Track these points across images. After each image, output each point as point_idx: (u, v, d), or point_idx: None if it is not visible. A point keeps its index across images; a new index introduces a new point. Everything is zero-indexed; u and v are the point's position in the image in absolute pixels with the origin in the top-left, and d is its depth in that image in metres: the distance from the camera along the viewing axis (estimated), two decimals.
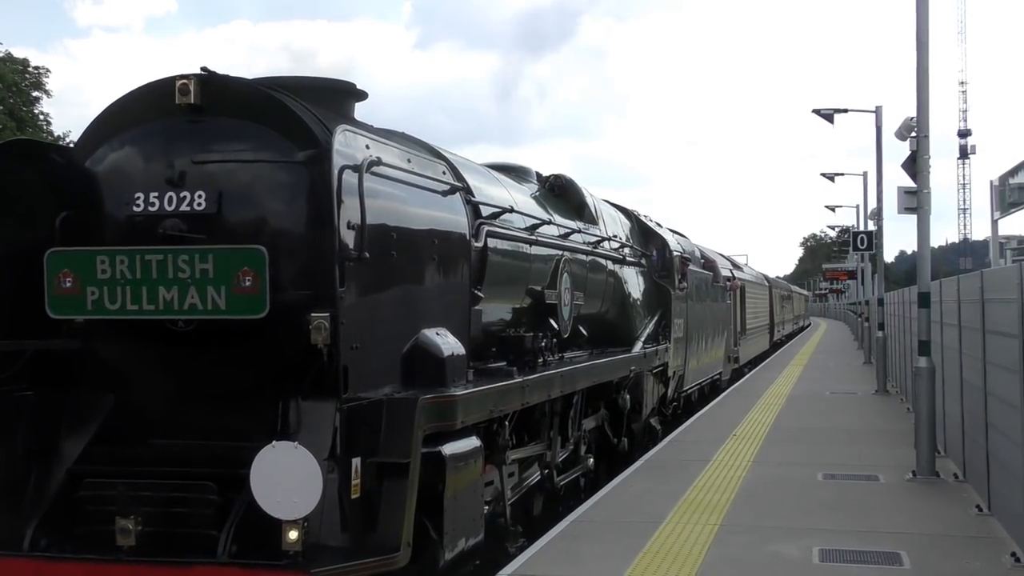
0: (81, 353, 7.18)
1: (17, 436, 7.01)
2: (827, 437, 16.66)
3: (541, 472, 10.53)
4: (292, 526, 6.21)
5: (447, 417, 7.29)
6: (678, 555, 8.92)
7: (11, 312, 6.93)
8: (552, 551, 9.14)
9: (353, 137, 7.10)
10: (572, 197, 13.13)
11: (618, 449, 13.56)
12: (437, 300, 7.97)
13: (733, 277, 28.02)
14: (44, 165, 7.23)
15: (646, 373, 14.45)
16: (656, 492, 11.74)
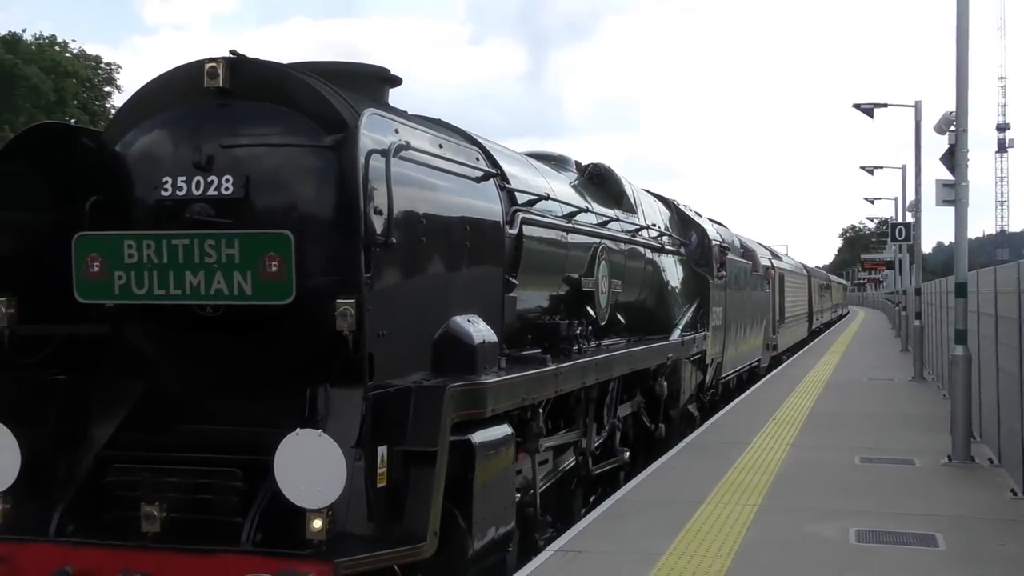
0: (111, 338, 6.89)
1: (47, 420, 6.73)
2: (864, 422, 16.36)
3: (576, 459, 10.15)
4: (316, 515, 5.88)
5: (477, 405, 6.92)
6: (719, 534, 8.82)
7: (41, 296, 6.62)
8: (597, 528, 9.05)
9: (382, 121, 6.71)
10: (611, 186, 12.69)
11: (655, 435, 13.16)
12: (469, 287, 7.59)
13: (772, 266, 27.55)
14: (75, 149, 6.93)
15: (684, 360, 14.05)
16: (697, 473, 11.59)
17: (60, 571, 6.04)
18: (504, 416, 7.42)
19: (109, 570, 6.02)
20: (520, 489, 8.14)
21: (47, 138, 6.92)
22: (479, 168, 8.04)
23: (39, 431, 6.63)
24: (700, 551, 8.27)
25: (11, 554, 6.22)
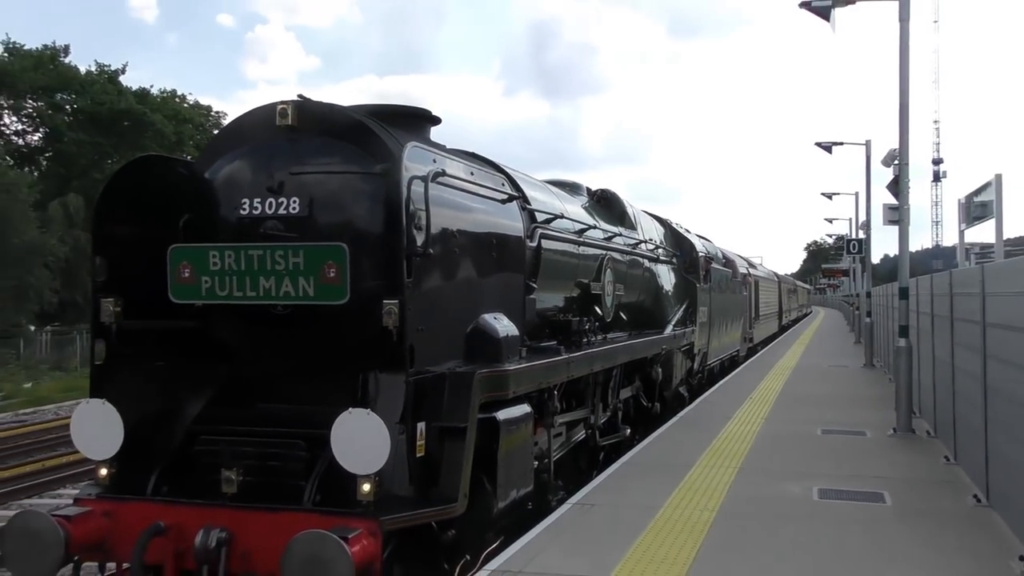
0: (201, 331, 6.72)
1: (150, 399, 6.56)
2: (825, 401, 16.08)
3: (586, 432, 9.91)
4: (365, 480, 5.69)
5: (501, 388, 6.72)
6: (707, 490, 8.83)
7: (142, 297, 6.45)
8: (607, 486, 9.00)
9: (421, 152, 6.52)
10: (615, 207, 12.45)
11: (651, 412, 12.89)
12: (495, 290, 7.38)
13: (749, 274, 27.18)
14: (171, 176, 6.76)
15: (675, 351, 13.76)
16: (689, 442, 11.42)
17: (154, 525, 5.87)
18: (524, 397, 7.21)
19: (194, 525, 5.84)
20: (537, 458, 7.90)
21: (150, 167, 6.76)
22: (504, 192, 7.83)
23: (141, 408, 6.47)
24: (691, 504, 8.25)
25: (115, 510, 6.07)
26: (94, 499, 6.14)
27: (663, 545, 7.04)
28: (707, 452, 10.77)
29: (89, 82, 43.93)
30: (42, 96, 42.79)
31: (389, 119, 6.96)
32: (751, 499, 8.54)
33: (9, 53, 42.86)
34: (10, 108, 42.94)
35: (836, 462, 10.36)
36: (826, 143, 29.12)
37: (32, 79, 41.86)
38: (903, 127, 12.88)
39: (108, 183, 6.52)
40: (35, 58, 42.96)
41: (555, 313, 9.21)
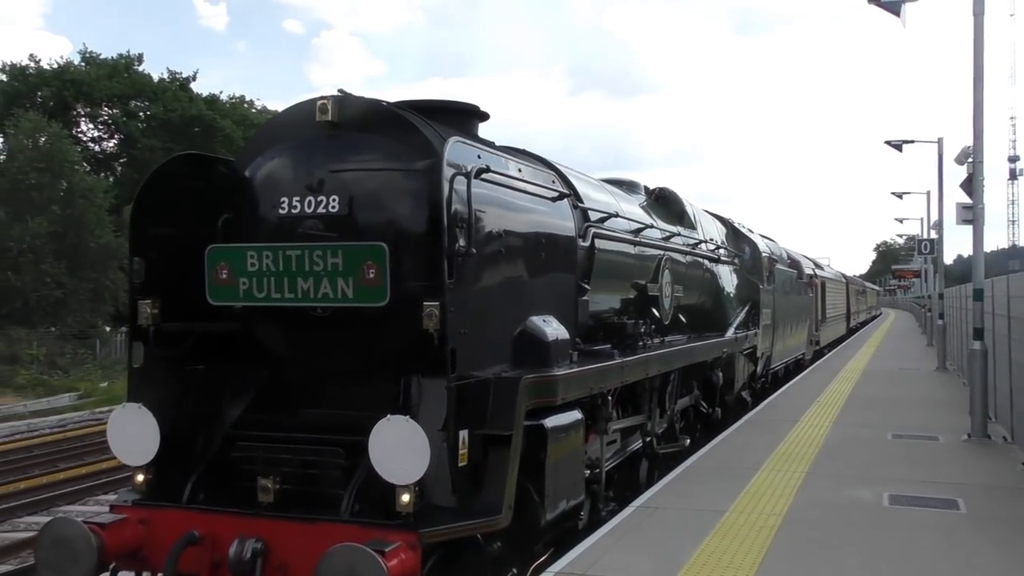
0: (240, 334, 6.49)
1: (188, 403, 6.35)
2: (896, 404, 15.47)
3: (643, 440, 9.50)
4: (405, 490, 5.37)
5: (548, 394, 6.35)
6: (772, 495, 8.55)
7: (181, 299, 6.24)
8: (671, 489, 8.79)
9: (465, 148, 6.18)
10: (674, 206, 11.98)
11: (712, 417, 12.40)
12: (544, 291, 7.01)
13: (815, 275, 26.39)
14: (211, 175, 6.55)
15: (737, 354, 13.24)
16: (754, 445, 11.12)
17: (188, 534, 5.65)
18: (575, 403, 6.83)
19: (229, 534, 5.61)
20: (588, 467, 7.52)
21: (188, 166, 6.55)
22: (554, 190, 7.46)
23: (179, 413, 6.27)
24: (757, 508, 7.98)
25: (150, 518, 5.86)
26: (130, 506, 5.95)
27: (728, 550, 6.79)
28: (773, 456, 10.41)
29: (161, 89, 44.66)
30: (117, 104, 43.60)
31: (434, 114, 6.66)
32: (819, 504, 8.23)
33: (87, 63, 43.80)
34: (87, 116, 43.86)
35: (908, 467, 9.99)
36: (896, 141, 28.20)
37: (108, 87, 42.69)
38: (977, 124, 12.44)
39: (145, 182, 6.33)
40: (111, 67, 43.81)
41: (610, 315, 8.82)
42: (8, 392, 29.79)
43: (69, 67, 42.94)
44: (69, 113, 42.30)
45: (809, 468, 9.76)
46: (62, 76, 42.17)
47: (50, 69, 42.57)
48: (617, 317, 8.87)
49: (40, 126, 36.66)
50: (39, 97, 41.38)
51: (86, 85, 42.22)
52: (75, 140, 41.26)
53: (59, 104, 41.58)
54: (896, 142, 28.25)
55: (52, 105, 41.12)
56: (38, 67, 42.58)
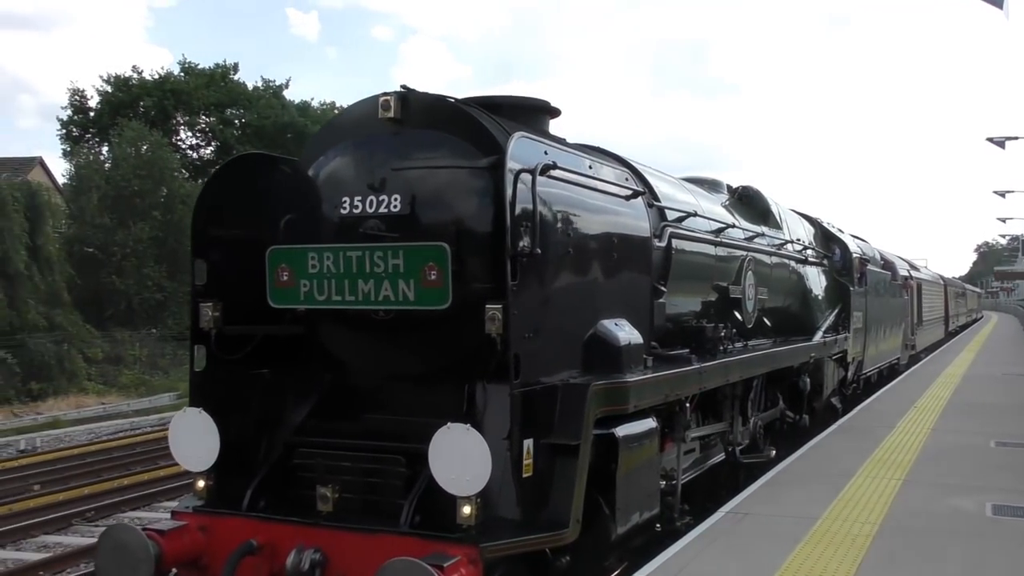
0: (305, 337, 6.30)
1: (251, 408, 6.19)
2: (999, 411, 14.60)
3: (724, 449, 9.03)
4: (466, 501, 5.10)
5: (619, 401, 5.98)
6: (867, 503, 8.12)
7: (244, 301, 6.06)
8: (760, 495, 8.47)
9: (531, 144, 5.85)
10: (758, 205, 11.42)
11: (799, 425, 11.81)
12: (617, 293, 6.65)
13: (910, 276, 25.27)
14: (275, 175, 6.38)
15: (826, 359, 12.59)
16: (848, 451, 10.60)
17: (246, 543, 5.47)
18: (650, 411, 6.45)
19: (287, 543, 5.42)
20: (664, 477, 7.12)
21: (252, 167, 6.39)
22: (628, 187, 7.08)
23: (242, 418, 6.10)
24: (851, 517, 7.61)
25: (210, 525, 5.70)
26: (190, 512, 5.80)
27: (821, 558, 6.49)
28: (868, 462, 9.91)
29: (256, 97, 45.48)
30: (214, 112, 44.58)
31: (502, 111, 6.38)
32: (917, 513, 7.82)
33: (186, 73, 44.89)
34: (186, 124, 44.94)
35: (1012, 477, 9.38)
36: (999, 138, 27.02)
37: (205, 96, 43.67)
38: None
39: (207, 184, 6.20)
40: (208, 76, 44.80)
41: (688, 319, 8.40)
42: (113, 391, 30.67)
43: (169, 77, 44.04)
44: (169, 122, 43.41)
45: (906, 475, 9.28)
46: (163, 86, 43.28)
47: (152, 80, 43.76)
48: (696, 320, 8.44)
49: (142, 135, 37.71)
50: (141, 107, 42.56)
51: (185, 94, 43.27)
52: (174, 148, 42.38)
53: (160, 113, 42.70)
54: (999, 139, 27.08)
55: (154, 114, 42.25)
56: (141, 78, 43.81)
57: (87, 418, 25.56)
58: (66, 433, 22.63)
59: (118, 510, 13.49)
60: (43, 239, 31.39)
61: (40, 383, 29.02)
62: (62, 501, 14.02)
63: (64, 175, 40.75)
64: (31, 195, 31.43)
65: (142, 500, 14.00)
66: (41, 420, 25.15)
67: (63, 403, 28.14)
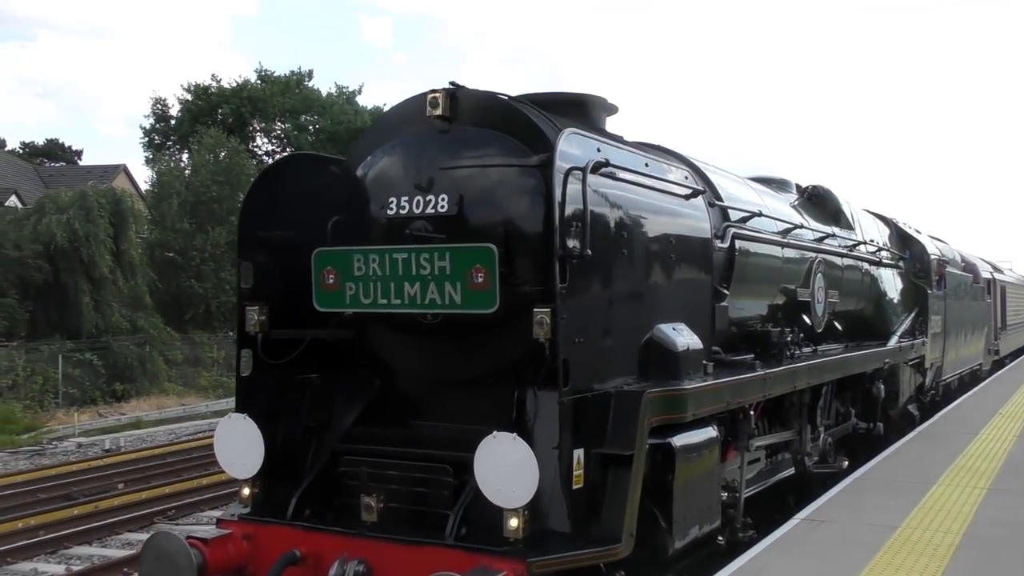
0: (352, 342, 6.11)
1: (299, 413, 6.02)
2: None
3: (793, 459, 8.60)
4: (513, 514, 4.86)
5: (676, 410, 5.67)
6: (949, 512, 7.77)
7: (294, 304, 5.88)
8: (838, 502, 8.14)
9: (582, 141, 5.58)
10: (828, 205, 10.93)
11: (873, 433, 11.26)
12: (675, 296, 6.32)
13: (993, 278, 24.21)
14: (324, 176, 6.20)
15: (902, 364, 12.00)
16: (928, 458, 10.17)
17: (288, 554, 5.30)
18: (710, 419, 6.12)
19: (331, 554, 5.24)
20: (726, 488, 6.76)
21: (301, 167, 6.24)
22: (687, 186, 6.74)
23: (289, 424, 5.95)
24: (932, 526, 7.29)
25: (255, 533, 5.56)
26: (236, 520, 5.66)
27: (902, 567, 6.24)
28: (950, 470, 9.46)
29: (329, 103, 45.97)
30: (289, 118, 45.20)
31: (557, 108, 6.12)
32: (1004, 523, 7.41)
33: (262, 80, 45.60)
34: (262, 130, 45.66)
35: None
36: None
37: (280, 103, 44.29)
38: None
39: (253, 185, 6.06)
40: (283, 83, 45.45)
41: (753, 323, 8.02)
42: (192, 393, 31.19)
43: (246, 85, 44.80)
44: (246, 128, 44.11)
45: (991, 484, 8.82)
46: (240, 94, 44.03)
47: (230, 88, 44.57)
48: (761, 325, 8.06)
49: (220, 141, 38.30)
50: (220, 114, 43.34)
51: (261, 101, 43.95)
52: (251, 154, 42.99)
53: (237, 120, 43.41)
54: None
55: (231, 121, 42.97)
56: (219, 86, 44.68)
57: (168, 419, 26.02)
58: (148, 433, 23.12)
59: (197, 509, 13.68)
60: (126, 244, 32.01)
61: (124, 384, 29.63)
62: (144, 500, 14.30)
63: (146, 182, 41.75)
64: (116, 201, 32.08)
65: (220, 500, 14.09)
66: (124, 420, 25.70)
67: (145, 404, 28.70)
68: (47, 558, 11.40)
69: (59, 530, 12.34)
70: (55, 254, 28.81)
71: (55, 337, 28.61)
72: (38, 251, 28.56)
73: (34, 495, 14.86)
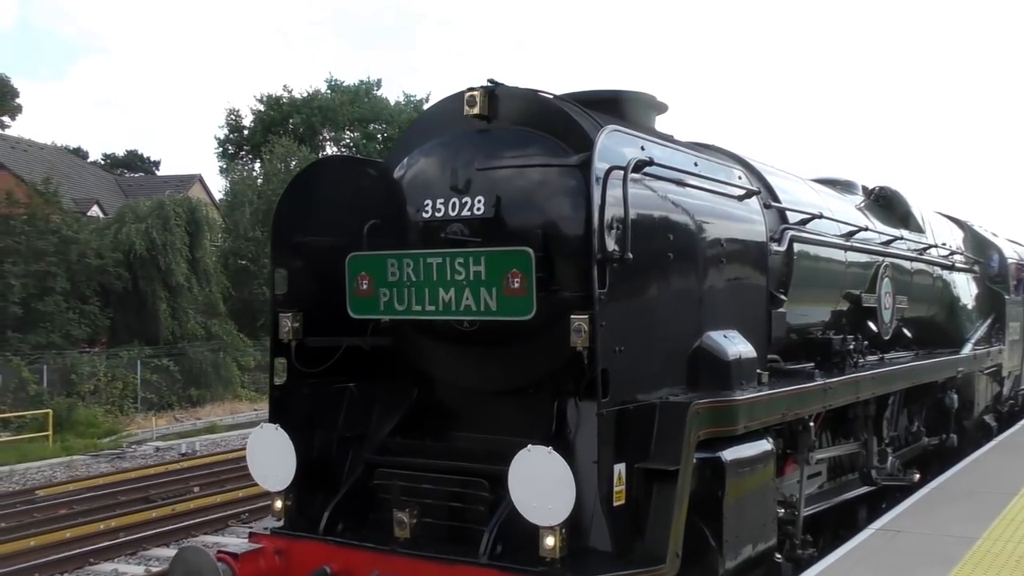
0: (391, 349, 5.86)
1: (335, 424, 5.80)
2: None
3: (860, 472, 8.10)
4: (549, 532, 4.55)
5: (726, 421, 5.30)
6: None
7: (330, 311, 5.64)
8: (914, 512, 7.88)
9: (624, 138, 5.23)
10: (897, 207, 10.33)
11: (946, 444, 10.64)
12: (727, 302, 5.92)
13: None
14: (361, 179, 5.98)
15: (977, 373, 11.33)
16: (1008, 468, 9.80)
17: (319, 570, 5.08)
18: (764, 431, 5.72)
19: (363, 570, 5.01)
20: (783, 504, 6.34)
21: (338, 170, 6.02)
22: (740, 186, 6.34)
23: (325, 434, 5.74)
24: (1015, 538, 6.99)
25: (286, 548, 5.34)
26: (268, 535, 5.44)
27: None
28: None
29: (397, 111, 46.17)
30: (358, 127, 45.54)
31: (601, 106, 5.82)
32: None
33: (332, 90, 46.05)
34: (332, 140, 46.07)
35: None
36: None
37: (350, 112, 44.63)
38: None
39: (287, 189, 5.83)
40: (352, 93, 45.83)
41: (815, 330, 7.56)
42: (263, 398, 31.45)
43: (317, 95, 45.28)
44: (316, 137, 44.57)
45: None
46: (311, 104, 44.53)
47: (300, 98, 45.09)
48: (823, 332, 7.60)
49: (291, 151, 38.72)
50: (291, 124, 43.86)
51: (331, 111, 44.36)
52: None
53: (308, 129, 43.89)
54: None
55: (302, 131, 43.47)
56: (291, 96, 45.23)
57: (241, 423, 26.27)
58: (222, 438, 23.40)
59: (269, 512, 13.59)
60: (201, 252, 32.53)
61: (199, 389, 30.08)
62: (219, 503, 14.43)
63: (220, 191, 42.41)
64: (191, 210, 32.63)
65: None
66: (199, 425, 26.04)
67: (219, 409, 29.06)
68: (127, 559, 11.62)
69: (138, 532, 12.60)
70: (134, 262, 29.42)
71: (134, 343, 29.18)
72: (118, 259, 29.18)
73: (115, 497, 15.21)
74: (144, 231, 29.45)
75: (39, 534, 12.36)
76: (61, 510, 14.30)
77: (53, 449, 20.93)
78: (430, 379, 5.78)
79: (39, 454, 20.23)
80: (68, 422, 23.55)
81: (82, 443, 21.84)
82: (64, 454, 20.44)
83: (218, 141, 46.20)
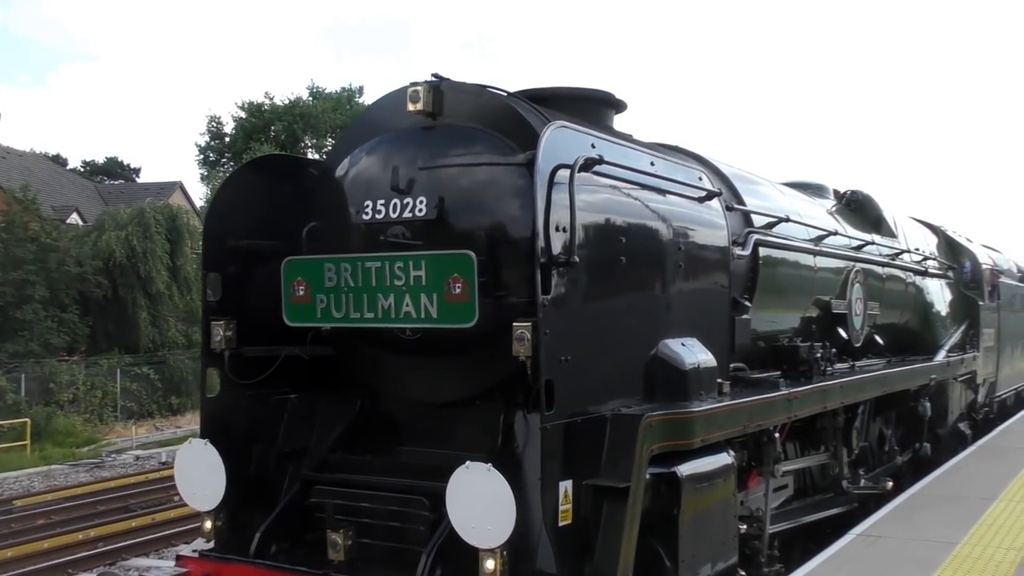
0: (333, 359, 5.49)
1: (273, 438, 5.40)
2: None
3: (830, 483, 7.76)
4: (489, 554, 4.20)
5: (682, 435, 4.93)
6: (1012, 527, 7.40)
7: (267, 319, 5.25)
8: (894, 517, 7.81)
9: (573, 136, 4.86)
10: (869, 212, 9.98)
11: (919, 453, 10.32)
12: (685, 308, 5.57)
13: None
14: (301, 179, 5.61)
15: (951, 380, 11.02)
16: (989, 473, 9.76)
17: None
18: (724, 444, 5.37)
19: None
20: (746, 520, 5.99)
21: (276, 170, 5.65)
22: (700, 187, 5.99)
23: (262, 449, 5.35)
24: (994, 542, 6.99)
25: (215, 572, 4.98)
26: (196, 558, 5.06)
27: None
28: (1012, 485, 9.04)
29: None
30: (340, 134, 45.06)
31: (554, 103, 5.49)
32: None
33: (313, 97, 45.60)
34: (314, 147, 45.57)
35: None
36: None
37: (331, 119, 44.10)
38: None
39: (220, 189, 5.46)
40: (334, 100, 45.38)
41: (783, 337, 7.23)
42: None
43: (298, 102, 44.79)
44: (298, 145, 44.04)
45: None
46: (292, 111, 44.03)
47: (282, 105, 44.61)
48: (791, 339, 7.26)
49: None
50: (272, 131, 43.38)
51: (313, 118, 43.87)
52: None
53: (290, 137, 43.36)
54: None
55: (284, 138, 42.98)
56: (272, 103, 44.74)
57: None
58: None
59: None
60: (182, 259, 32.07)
61: (179, 398, 29.61)
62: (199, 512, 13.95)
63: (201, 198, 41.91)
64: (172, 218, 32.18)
65: None
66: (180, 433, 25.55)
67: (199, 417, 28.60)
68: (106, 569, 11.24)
69: (118, 541, 12.37)
70: (114, 270, 28.96)
71: (113, 351, 28.67)
72: (98, 267, 28.71)
73: (94, 507, 14.94)
74: (124, 239, 28.99)
75: (16, 544, 12.16)
76: (39, 520, 14.05)
77: (31, 458, 20.58)
78: (374, 390, 5.41)
79: (17, 464, 19.86)
80: (46, 431, 23.13)
81: (61, 452, 21.46)
82: (42, 463, 20.13)
83: (199, 148, 45.75)
